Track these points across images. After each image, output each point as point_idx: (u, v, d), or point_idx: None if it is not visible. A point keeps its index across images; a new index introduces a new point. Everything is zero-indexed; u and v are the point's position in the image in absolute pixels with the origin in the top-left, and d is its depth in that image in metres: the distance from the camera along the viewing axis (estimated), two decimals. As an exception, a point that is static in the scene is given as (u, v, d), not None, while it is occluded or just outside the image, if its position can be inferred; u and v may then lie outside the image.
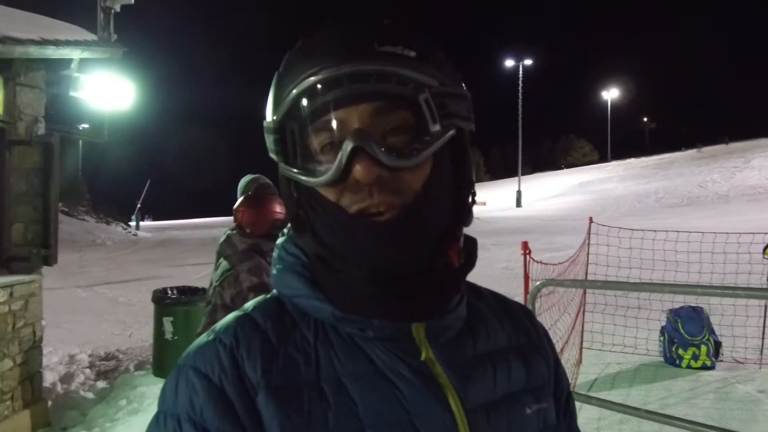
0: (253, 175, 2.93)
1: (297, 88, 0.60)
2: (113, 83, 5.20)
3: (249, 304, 0.69)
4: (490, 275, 10.59)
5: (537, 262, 4.48)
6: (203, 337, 0.64)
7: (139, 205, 37.05)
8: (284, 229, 0.73)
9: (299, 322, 0.65)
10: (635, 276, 6.30)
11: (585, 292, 6.11)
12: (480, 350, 0.69)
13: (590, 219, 6.45)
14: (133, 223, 34.16)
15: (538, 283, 3.17)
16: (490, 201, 39.15)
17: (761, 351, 5.43)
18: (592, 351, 5.83)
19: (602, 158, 72.97)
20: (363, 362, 0.62)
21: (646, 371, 5.41)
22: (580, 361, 5.61)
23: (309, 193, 0.64)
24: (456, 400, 0.62)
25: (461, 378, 0.64)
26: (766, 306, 5.47)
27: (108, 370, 6.00)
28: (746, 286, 4.22)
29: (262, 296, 0.71)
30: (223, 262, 2.69)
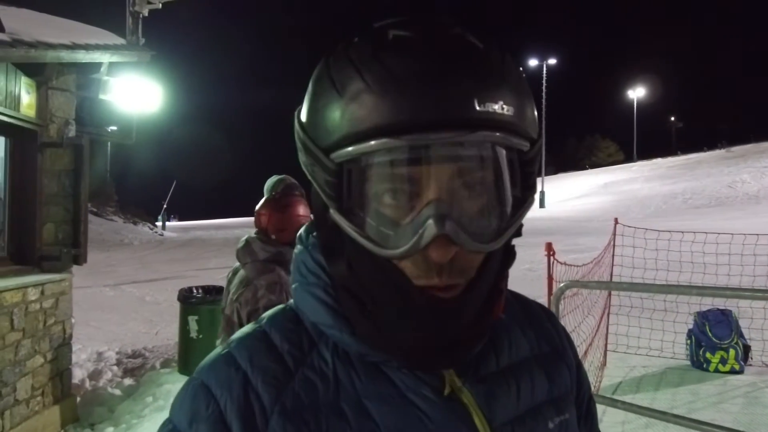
0: (280, 176, 2.71)
1: (372, 144, 0.51)
2: (141, 86, 5.29)
3: (266, 316, 0.66)
4: (512, 277, 10.23)
5: (561, 263, 4.44)
6: (218, 351, 0.63)
7: (165, 206, 37.66)
8: (301, 236, 0.69)
9: (317, 341, 0.62)
10: (661, 278, 6.20)
11: (610, 294, 6.03)
12: (503, 364, 0.66)
13: (615, 220, 6.37)
14: (159, 224, 34.71)
15: (562, 284, 3.14)
16: (513, 202, 38.76)
17: (792, 355, 5.31)
18: (616, 354, 5.75)
19: (628, 158, 71.89)
20: (384, 383, 0.60)
21: (672, 375, 5.32)
22: (604, 364, 5.54)
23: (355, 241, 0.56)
24: (482, 420, 0.60)
25: (485, 396, 0.62)
26: (797, 309, 5.34)
27: (135, 367, 6.11)
28: (777, 289, 4.12)
29: (280, 307, 0.68)
30: (240, 271, 2.47)
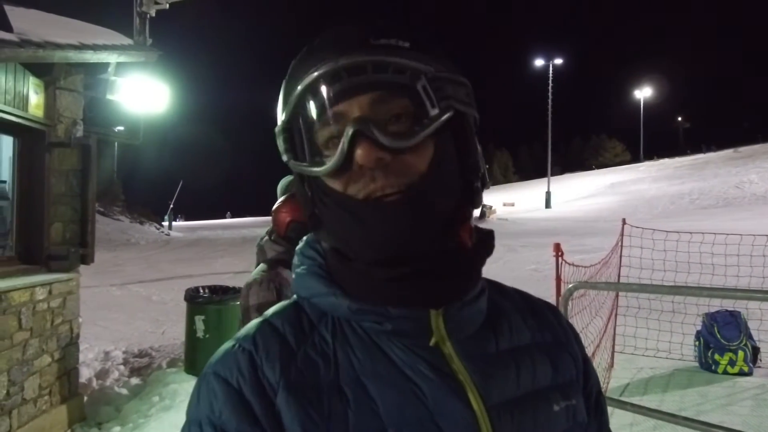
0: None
1: (300, 87, 0.62)
2: (148, 86, 5.31)
3: (269, 311, 0.70)
4: (518, 277, 10.48)
5: (569, 264, 4.42)
6: (225, 345, 0.66)
7: (171, 206, 37.80)
8: (304, 237, 0.75)
9: (317, 324, 0.66)
10: (669, 279, 6.16)
11: (618, 295, 6.00)
12: (502, 347, 0.68)
13: (623, 220, 6.34)
14: (166, 223, 34.84)
15: (570, 285, 3.13)
16: (519, 202, 38.76)
17: (802, 357, 5.26)
18: (624, 355, 5.73)
19: (634, 159, 71.64)
20: (382, 360, 0.62)
21: (680, 376, 5.29)
22: (612, 365, 5.51)
23: (319, 187, 0.65)
24: (476, 397, 0.61)
25: (481, 374, 0.63)
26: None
27: (141, 366, 6.13)
28: (786, 291, 4.09)
29: (282, 302, 0.71)
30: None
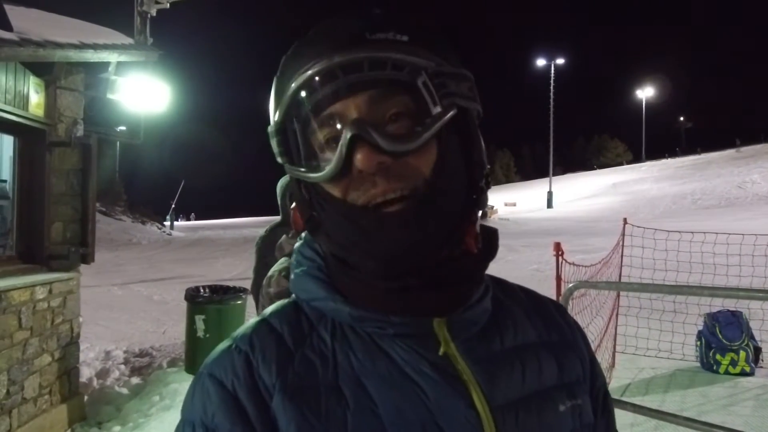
0: None
1: (293, 86, 0.59)
2: (149, 86, 5.30)
3: (267, 310, 0.68)
4: (520, 277, 10.47)
5: (570, 263, 4.41)
6: (221, 345, 0.64)
7: (173, 206, 37.85)
8: (302, 234, 0.73)
9: (316, 324, 0.64)
10: (671, 279, 6.15)
11: (619, 295, 5.99)
12: (507, 345, 0.66)
13: (624, 220, 6.33)
14: (167, 223, 34.87)
15: (570, 285, 3.12)
16: (521, 202, 38.75)
17: (804, 358, 5.25)
18: (625, 355, 5.71)
19: (636, 158, 71.57)
20: (382, 361, 0.60)
21: (681, 377, 5.28)
22: (613, 365, 5.50)
23: (318, 192, 0.62)
24: (481, 398, 0.60)
25: (486, 374, 0.62)
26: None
27: (142, 366, 6.13)
28: (788, 291, 4.07)
29: (280, 302, 0.69)
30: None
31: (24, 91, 4.16)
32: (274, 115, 0.63)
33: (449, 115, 0.59)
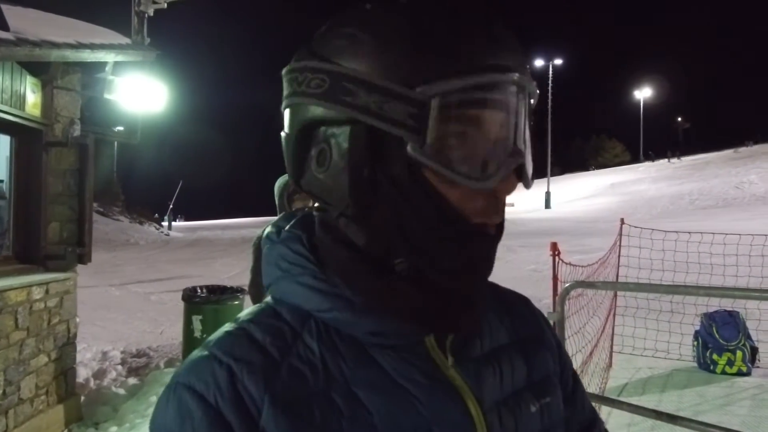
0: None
1: (484, 77, 0.55)
2: (146, 86, 5.30)
3: (242, 316, 0.64)
4: (517, 277, 10.46)
5: (566, 263, 4.42)
6: (196, 353, 0.59)
7: (171, 206, 37.80)
8: (268, 229, 0.68)
9: (300, 331, 0.60)
10: (668, 279, 6.15)
11: (616, 295, 5.99)
12: (485, 349, 0.67)
13: (621, 220, 6.33)
14: (165, 223, 34.83)
15: (567, 284, 3.12)
16: (518, 202, 38.72)
17: (801, 358, 5.26)
18: (622, 355, 5.72)
19: (634, 159, 71.66)
20: (373, 369, 0.59)
21: (678, 376, 5.29)
22: (610, 365, 5.51)
23: (409, 183, 0.56)
24: (473, 402, 0.61)
25: (474, 378, 0.63)
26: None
27: (139, 366, 6.12)
28: (785, 291, 4.08)
29: (255, 306, 0.65)
30: None
31: (20, 90, 4.16)
32: (419, 78, 0.53)
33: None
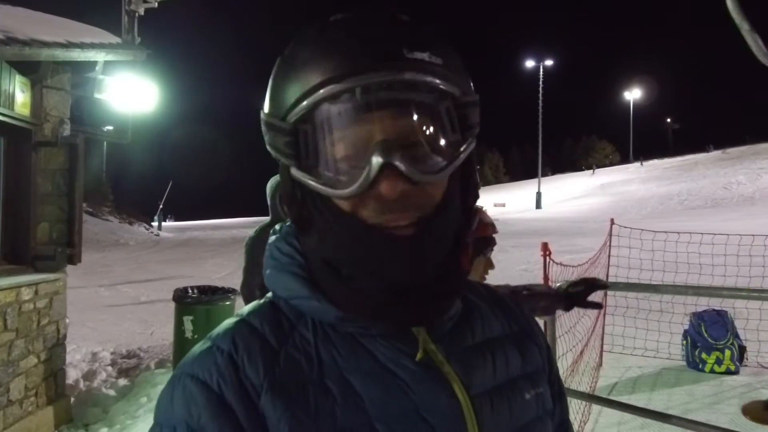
0: None
1: (323, 91, 0.56)
2: (137, 85, 5.27)
3: (243, 310, 0.68)
4: (508, 277, 10.46)
5: (557, 263, 4.44)
6: (199, 346, 0.64)
7: (161, 206, 37.56)
8: (276, 227, 0.73)
9: (296, 323, 0.64)
10: (657, 279, 6.19)
11: (606, 294, 6.03)
12: (477, 339, 0.70)
13: (612, 220, 6.37)
14: (155, 224, 34.61)
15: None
16: (510, 202, 38.90)
17: (788, 356, 5.31)
18: (612, 354, 5.76)
19: (624, 159, 72.10)
20: (365, 357, 0.62)
21: (668, 375, 5.33)
22: (600, 364, 5.54)
23: (319, 197, 0.61)
24: (461, 388, 0.63)
25: (463, 366, 0.65)
26: (792, 310, 5.34)
27: (129, 367, 6.08)
28: (772, 290, 4.13)
29: (255, 301, 0.69)
30: None
31: (9, 90, 4.12)
32: (283, 109, 0.60)
33: (471, 147, 0.61)
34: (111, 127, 5.87)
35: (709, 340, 5.37)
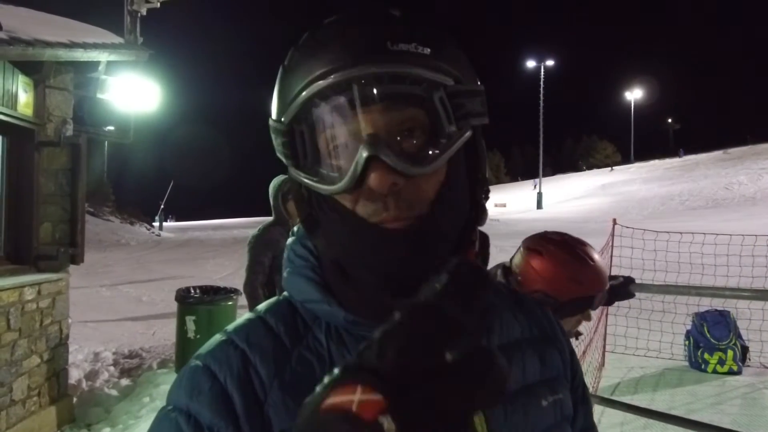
0: (285, 176, 2.72)
1: (307, 91, 0.58)
2: (139, 85, 5.28)
3: (261, 307, 0.69)
4: (510, 277, 10.48)
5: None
6: (217, 338, 0.65)
7: (162, 206, 37.59)
8: (294, 228, 0.73)
9: (311, 324, 0.65)
10: (659, 279, 6.19)
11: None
12: (494, 344, 0.68)
13: (614, 220, 6.37)
14: (156, 224, 34.63)
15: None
16: (511, 203, 38.90)
17: (790, 357, 5.31)
18: (615, 354, 5.75)
19: (625, 159, 72.08)
20: None
21: (670, 376, 5.33)
22: (602, 364, 5.54)
23: (322, 196, 0.62)
24: None
25: None
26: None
27: (131, 367, 6.08)
28: (775, 290, 4.13)
29: (274, 298, 0.70)
30: None
31: (12, 90, 4.13)
32: (280, 112, 0.62)
33: (465, 137, 0.60)
34: (113, 127, 5.87)
35: (712, 340, 5.37)
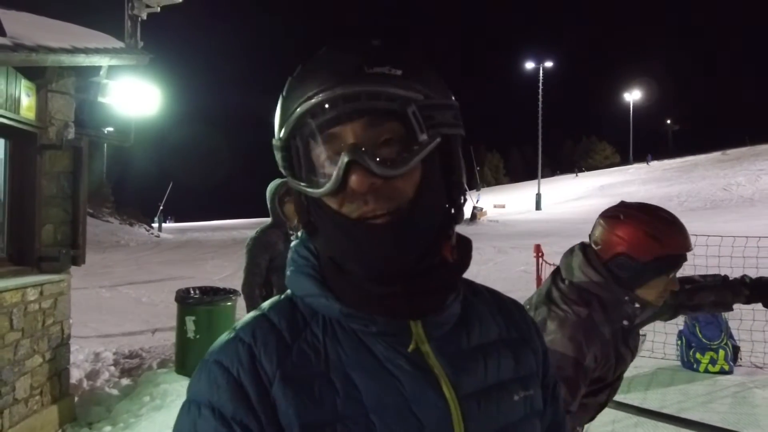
0: (284, 179, 2.85)
1: (299, 110, 0.67)
2: (140, 89, 5.34)
3: (265, 305, 0.77)
4: (508, 278, 10.57)
5: (550, 264, 4.52)
6: (225, 336, 0.73)
7: (161, 207, 37.62)
8: (298, 233, 0.81)
9: (310, 320, 0.73)
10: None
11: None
12: (473, 343, 0.77)
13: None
14: (155, 225, 34.66)
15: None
16: (509, 204, 38.93)
17: (781, 356, 5.38)
18: (609, 354, 5.81)
19: (624, 161, 72.13)
20: (366, 355, 0.70)
21: (662, 375, 5.39)
22: (596, 364, 5.60)
23: (316, 202, 0.71)
24: (449, 388, 0.70)
25: (454, 368, 0.72)
26: (786, 311, 5.41)
27: (132, 367, 6.15)
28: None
29: (277, 297, 0.79)
30: None
31: (15, 94, 4.19)
32: (279, 131, 0.72)
33: (434, 143, 0.68)
34: (113, 130, 5.92)
35: (704, 340, 5.44)
